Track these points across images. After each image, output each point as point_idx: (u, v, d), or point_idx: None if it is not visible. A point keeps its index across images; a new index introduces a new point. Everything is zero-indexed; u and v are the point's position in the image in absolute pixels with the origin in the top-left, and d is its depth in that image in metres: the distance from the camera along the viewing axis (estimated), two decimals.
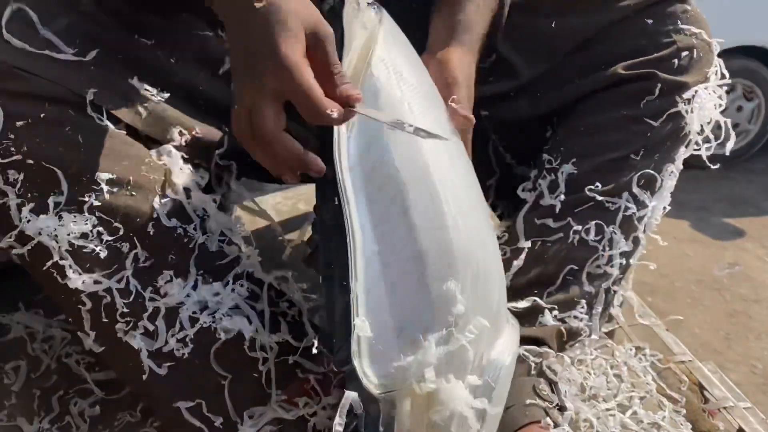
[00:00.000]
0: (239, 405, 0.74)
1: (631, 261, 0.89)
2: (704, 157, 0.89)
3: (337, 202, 0.64)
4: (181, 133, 0.76)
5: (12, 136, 0.65)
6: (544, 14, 0.91)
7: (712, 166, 0.91)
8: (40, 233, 0.67)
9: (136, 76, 0.73)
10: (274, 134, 0.60)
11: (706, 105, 0.85)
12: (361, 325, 0.59)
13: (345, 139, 0.66)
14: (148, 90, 0.73)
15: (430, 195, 0.65)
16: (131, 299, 0.70)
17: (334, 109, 0.58)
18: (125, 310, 0.70)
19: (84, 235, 0.68)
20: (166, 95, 0.75)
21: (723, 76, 0.87)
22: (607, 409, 0.86)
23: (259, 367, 0.75)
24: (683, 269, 2.35)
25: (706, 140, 0.89)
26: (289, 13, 0.59)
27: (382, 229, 0.64)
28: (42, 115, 0.66)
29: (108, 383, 0.90)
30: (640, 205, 0.86)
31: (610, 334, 1.07)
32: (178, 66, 0.77)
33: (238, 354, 0.74)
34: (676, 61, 0.85)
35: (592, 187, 0.85)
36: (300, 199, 1.44)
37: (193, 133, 0.76)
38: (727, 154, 0.87)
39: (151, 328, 0.71)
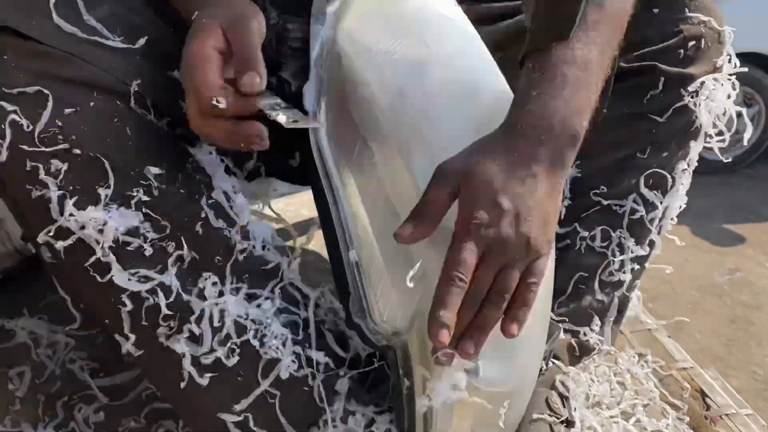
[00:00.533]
0: (290, 420, 0.71)
1: (645, 264, 0.87)
2: (716, 150, 0.84)
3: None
4: None
5: (60, 124, 0.61)
6: None
7: (725, 160, 0.86)
8: (83, 227, 0.62)
9: (176, 70, 0.69)
10: (199, 125, 0.62)
11: (716, 96, 0.80)
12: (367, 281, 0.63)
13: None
14: None
15: None
16: (174, 300, 0.66)
17: (220, 99, 0.58)
18: (168, 312, 0.66)
19: (130, 231, 0.64)
20: None
21: (735, 65, 0.82)
22: (611, 417, 0.86)
23: (309, 381, 0.72)
24: (684, 275, 2.35)
25: (720, 133, 0.83)
26: (208, 16, 0.62)
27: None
28: (92, 104, 0.63)
29: (112, 389, 0.90)
30: (650, 206, 0.83)
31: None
32: None
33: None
34: (681, 51, 0.80)
35: (597, 190, 0.82)
36: (304, 204, 1.45)
37: None
38: (745, 143, 0.83)
39: (197, 332, 0.67)
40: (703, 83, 0.80)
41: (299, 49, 0.76)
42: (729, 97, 0.82)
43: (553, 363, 0.82)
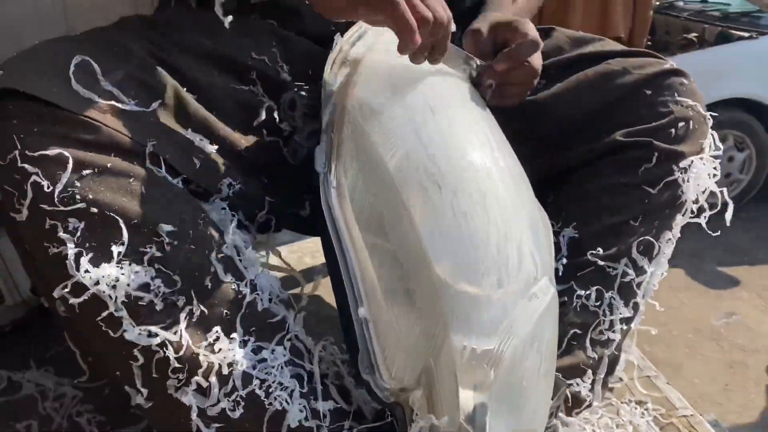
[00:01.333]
0: None
1: (631, 326, 0.91)
2: (704, 225, 0.90)
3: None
4: (230, 186, 0.76)
5: (78, 185, 0.64)
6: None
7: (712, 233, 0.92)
8: (97, 283, 0.64)
9: (189, 128, 0.74)
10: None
11: (701, 174, 0.87)
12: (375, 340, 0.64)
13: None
14: (201, 140, 0.74)
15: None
16: (183, 354, 0.68)
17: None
18: (178, 365, 0.68)
19: (142, 287, 0.66)
20: (215, 147, 0.76)
21: (717, 148, 0.90)
22: None
23: None
24: (680, 318, 2.36)
25: (702, 209, 0.90)
26: None
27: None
28: (109, 165, 0.66)
29: None
30: (639, 270, 0.88)
31: (611, 388, 1.09)
32: (219, 119, 0.78)
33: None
34: (672, 130, 0.87)
35: (594, 251, 0.86)
36: (305, 252, 1.47)
37: (239, 186, 0.77)
38: (728, 224, 0.88)
39: (204, 384, 0.69)
40: (692, 161, 0.87)
41: (311, 115, 0.79)
42: (712, 176, 0.88)
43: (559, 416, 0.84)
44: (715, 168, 0.89)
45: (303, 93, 0.79)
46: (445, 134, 0.73)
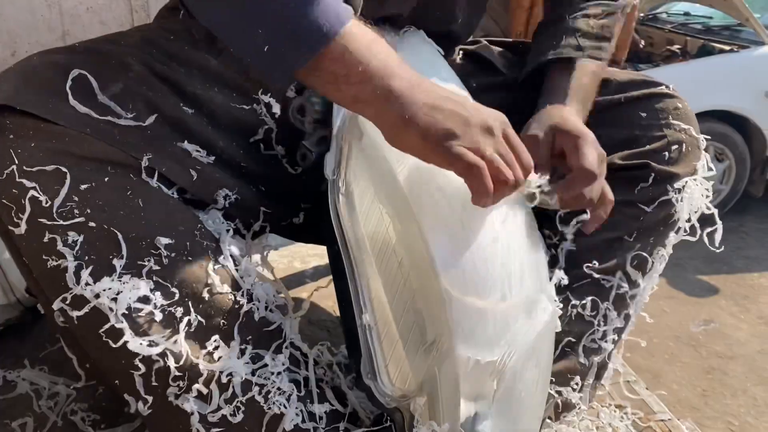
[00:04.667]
0: None
1: (622, 336, 0.94)
2: (705, 239, 0.92)
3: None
4: (225, 197, 0.77)
5: (76, 199, 0.65)
6: None
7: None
8: (98, 296, 0.65)
9: (186, 140, 0.74)
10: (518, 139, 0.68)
11: (694, 195, 0.90)
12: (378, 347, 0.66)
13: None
14: (198, 152, 0.75)
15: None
16: (183, 363, 0.69)
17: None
18: (178, 373, 0.68)
19: (142, 299, 0.67)
20: (212, 158, 0.76)
21: (710, 169, 0.92)
22: None
23: None
24: (661, 325, 2.40)
25: (693, 228, 0.93)
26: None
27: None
28: (106, 179, 0.67)
29: None
30: (633, 284, 0.90)
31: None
32: (217, 133, 0.79)
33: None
34: (666, 153, 0.89)
35: (590, 264, 0.88)
36: (295, 257, 1.49)
37: (235, 197, 0.78)
38: (717, 244, 0.90)
39: (204, 391, 0.70)
40: (686, 182, 0.89)
41: (321, 121, 0.81)
42: (704, 197, 0.91)
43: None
44: (707, 189, 0.91)
45: (314, 99, 0.80)
46: None
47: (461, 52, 1.03)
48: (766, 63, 3.22)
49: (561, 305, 0.83)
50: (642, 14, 4.13)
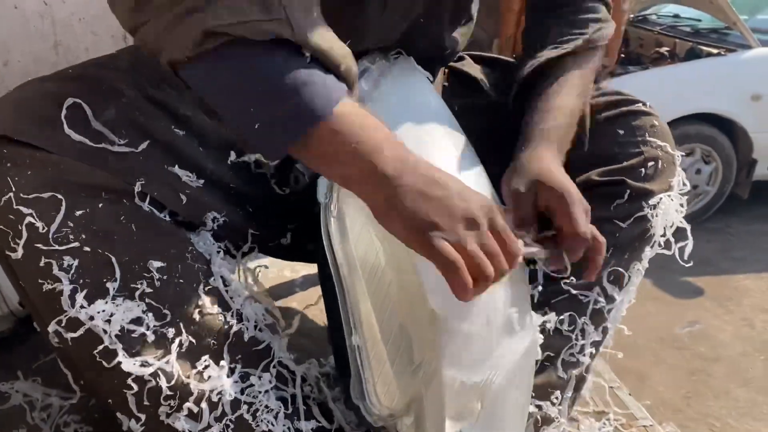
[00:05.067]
0: None
1: (600, 349, 0.96)
2: (677, 254, 0.94)
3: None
4: (214, 219, 0.80)
5: (71, 225, 0.67)
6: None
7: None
8: (92, 318, 0.67)
9: (176, 164, 0.76)
10: (506, 228, 0.66)
11: (669, 210, 0.91)
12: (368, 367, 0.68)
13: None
14: (188, 176, 0.77)
15: None
16: (175, 383, 0.71)
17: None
18: (169, 393, 0.71)
19: (134, 321, 0.69)
20: (202, 181, 0.78)
21: (685, 185, 0.94)
22: None
23: None
24: (646, 327, 2.43)
25: (668, 242, 0.94)
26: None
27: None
28: (100, 205, 0.69)
29: None
30: (609, 299, 0.92)
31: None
32: (207, 155, 0.80)
33: None
34: (643, 170, 0.91)
35: (567, 280, 0.90)
36: (285, 266, 1.50)
37: (223, 219, 0.80)
38: (686, 258, 0.91)
39: (195, 410, 0.72)
40: (661, 199, 0.91)
41: None
42: (679, 212, 0.92)
43: None
44: (681, 204, 0.93)
45: None
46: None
47: (446, 69, 1.05)
48: (753, 66, 3.26)
49: (540, 325, 0.86)
50: (632, 15, 4.15)
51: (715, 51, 3.43)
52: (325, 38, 0.63)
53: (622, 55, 3.60)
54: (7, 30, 1.27)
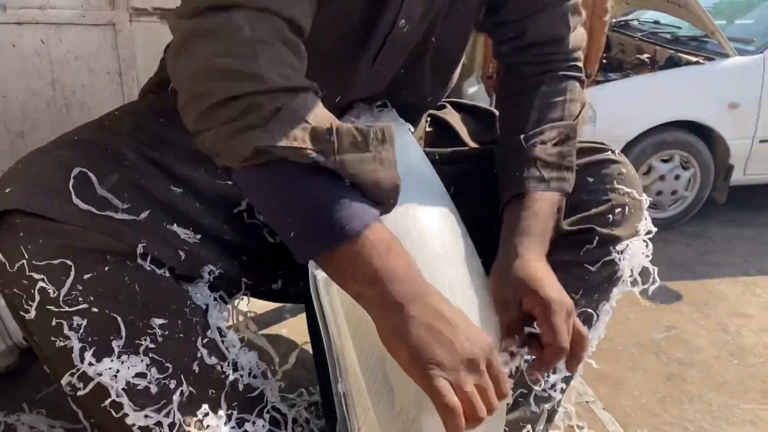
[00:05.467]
0: None
1: (570, 383, 1.02)
2: (638, 294, 1.02)
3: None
4: (210, 272, 0.85)
5: (80, 288, 0.73)
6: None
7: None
8: (100, 374, 0.74)
9: (175, 223, 0.82)
10: (501, 370, 0.71)
11: (636, 254, 0.97)
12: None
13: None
14: (186, 234, 0.83)
15: None
16: (177, 430, 0.78)
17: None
18: None
19: (139, 375, 0.76)
20: (199, 236, 0.84)
21: (650, 231, 1.00)
22: None
23: None
24: (625, 332, 2.47)
25: (634, 283, 1.01)
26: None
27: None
28: (106, 269, 0.75)
29: None
30: None
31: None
32: (203, 210, 0.86)
33: None
34: (611, 216, 0.97)
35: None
36: None
37: (219, 271, 0.86)
38: (648, 297, 0.98)
39: None
40: (628, 244, 0.97)
41: None
42: (645, 255, 0.99)
43: None
44: (647, 246, 0.99)
45: None
46: (417, 238, 0.83)
47: (428, 117, 1.11)
48: (730, 75, 3.33)
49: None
50: (614, 20, 4.21)
51: (693, 59, 3.50)
52: (370, 169, 0.67)
53: (604, 61, 3.66)
54: (5, 67, 1.31)
